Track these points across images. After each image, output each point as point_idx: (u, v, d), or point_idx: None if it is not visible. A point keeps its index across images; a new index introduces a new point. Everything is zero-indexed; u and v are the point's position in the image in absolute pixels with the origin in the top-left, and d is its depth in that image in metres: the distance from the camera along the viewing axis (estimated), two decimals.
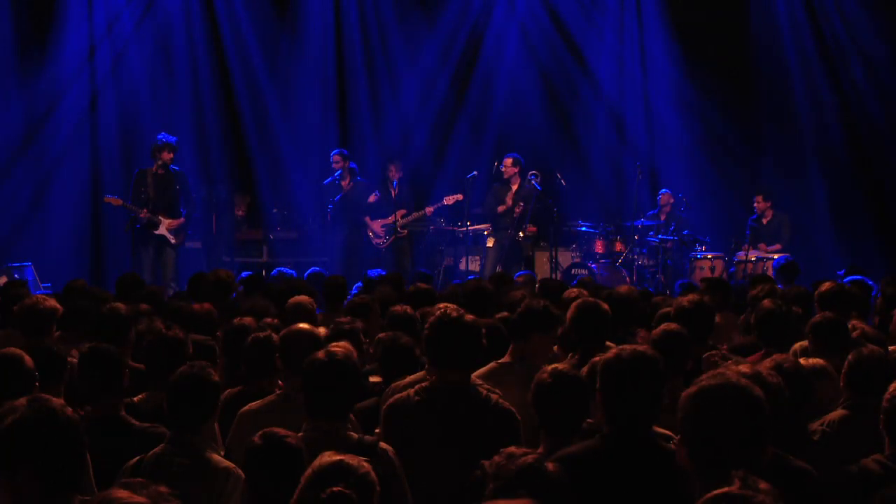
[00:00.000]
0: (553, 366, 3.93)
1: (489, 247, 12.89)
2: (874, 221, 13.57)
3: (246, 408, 4.52)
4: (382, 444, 3.83)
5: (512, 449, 2.91)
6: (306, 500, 2.83)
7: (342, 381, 3.89)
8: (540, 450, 3.65)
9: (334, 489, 2.79)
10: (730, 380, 2.86)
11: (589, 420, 3.91)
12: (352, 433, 3.84)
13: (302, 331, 4.63)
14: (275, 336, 4.99)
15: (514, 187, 12.85)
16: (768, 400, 2.90)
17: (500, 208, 12.73)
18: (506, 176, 12.84)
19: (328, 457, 2.90)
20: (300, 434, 3.77)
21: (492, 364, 5.03)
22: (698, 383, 2.88)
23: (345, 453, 2.97)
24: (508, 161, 12.85)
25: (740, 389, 2.83)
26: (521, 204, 12.71)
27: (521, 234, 12.88)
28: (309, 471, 2.87)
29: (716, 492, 2.32)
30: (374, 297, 7.10)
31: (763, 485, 2.35)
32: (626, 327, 6.07)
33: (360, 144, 14.41)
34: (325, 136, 14.35)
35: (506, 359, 5.04)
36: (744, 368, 3.36)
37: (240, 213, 13.53)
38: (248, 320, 5.61)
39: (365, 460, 2.96)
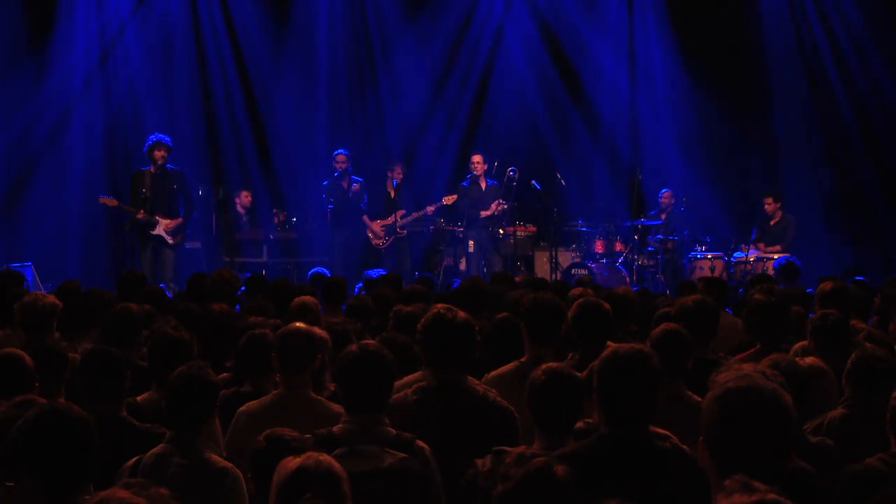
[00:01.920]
0: (548, 364, 3.92)
1: (471, 251, 12.92)
2: (873, 222, 13.57)
3: (244, 407, 4.50)
4: (419, 442, 3.80)
5: (522, 449, 2.90)
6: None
7: (378, 374, 3.85)
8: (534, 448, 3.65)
9: (307, 499, 2.79)
10: (757, 382, 2.83)
11: (588, 420, 3.91)
12: (389, 428, 3.81)
13: (298, 330, 4.61)
14: (269, 334, 4.98)
15: (483, 185, 12.92)
16: None
17: (485, 213, 12.81)
18: (477, 173, 12.91)
19: (292, 464, 2.89)
20: (338, 427, 3.77)
21: (513, 363, 5.01)
22: (724, 385, 2.84)
23: (311, 453, 2.97)
24: (478, 158, 12.96)
25: (770, 393, 2.81)
26: (501, 201, 12.76)
27: (501, 232, 12.94)
28: (278, 477, 2.86)
29: (727, 501, 2.29)
30: (374, 297, 7.09)
31: (759, 485, 2.34)
32: (625, 327, 6.06)
33: (360, 145, 14.41)
34: (325, 136, 14.35)
35: (524, 359, 5.01)
36: (746, 368, 3.34)
37: (247, 200, 13.44)
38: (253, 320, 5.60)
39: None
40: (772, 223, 12.87)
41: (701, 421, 2.83)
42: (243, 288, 8.37)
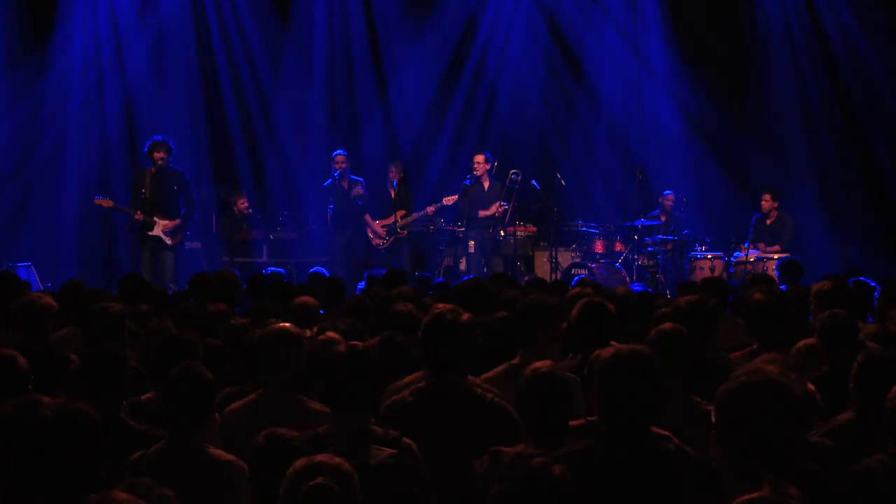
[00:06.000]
0: (533, 366, 3.91)
1: (471, 252, 12.93)
2: (873, 221, 13.56)
3: (231, 407, 4.54)
4: (406, 439, 3.83)
5: (519, 449, 2.90)
6: (290, 498, 2.85)
7: (365, 374, 3.88)
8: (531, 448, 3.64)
9: (314, 482, 2.82)
10: (769, 376, 2.82)
11: (590, 418, 3.90)
12: (375, 427, 3.85)
13: (281, 330, 4.63)
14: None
15: (486, 185, 12.92)
16: None
17: (483, 213, 12.81)
18: (478, 173, 12.90)
19: (305, 459, 2.93)
20: (323, 428, 3.79)
21: (503, 365, 5.00)
22: (736, 380, 2.83)
23: (323, 454, 3.00)
24: (480, 158, 12.94)
25: (781, 386, 2.80)
26: (502, 203, 12.77)
27: (502, 234, 12.93)
28: (287, 475, 2.90)
29: (746, 497, 2.29)
30: (371, 297, 7.09)
31: (793, 490, 2.34)
32: (624, 327, 6.05)
33: (360, 144, 14.41)
34: (325, 135, 14.35)
35: (516, 360, 5.00)
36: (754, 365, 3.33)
37: (244, 206, 13.42)
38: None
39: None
40: (768, 222, 12.81)
41: (714, 416, 2.82)
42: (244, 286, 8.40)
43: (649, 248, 13.05)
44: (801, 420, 2.80)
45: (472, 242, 12.91)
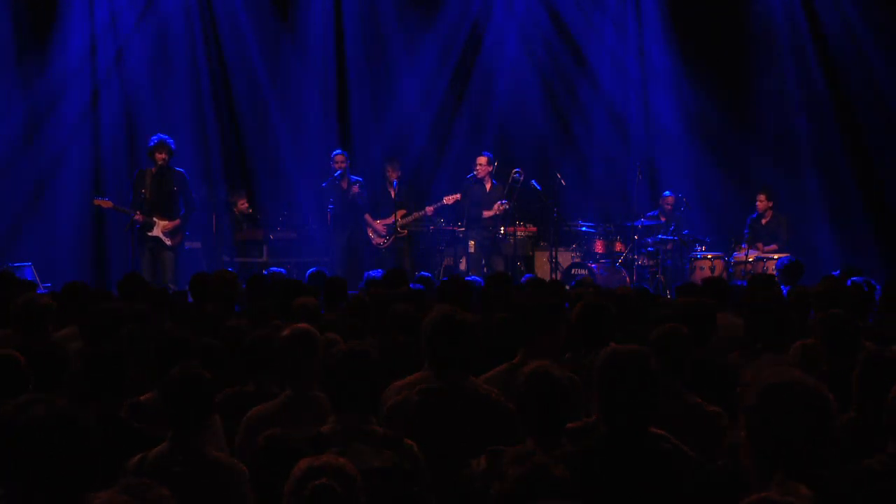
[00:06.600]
0: (533, 366, 3.91)
1: (471, 252, 12.94)
2: (872, 221, 13.56)
3: (253, 412, 4.52)
4: (407, 440, 3.84)
5: (519, 448, 2.91)
6: (293, 498, 2.86)
7: (364, 374, 3.90)
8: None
9: (318, 482, 2.83)
10: (798, 378, 2.83)
11: (587, 419, 3.90)
12: (375, 427, 3.86)
13: (302, 331, 4.63)
14: (272, 334, 4.98)
15: (488, 186, 12.93)
16: None
17: (487, 213, 12.81)
18: (479, 175, 12.92)
19: (308, 460, 2.94)
20: (326, 428, 3.79)
21: (503, 365, 5.00)
22: (766, 381, 2.83)
23: (327, 455, 3.00)
24: (483, 160, 12.96)
25: (811, 387, 2.81)
26: (503, 201, 12.77)
27: (502, 231, 12.94)
28: (292, 475, 2.91)
29: (755, 496, 2.30)
30: (372, 296, 7.10)
31: (804, 490, 2.34)
32: (623, 328, 6.05)
33: (359, 144, 14.41)
34: (324, 135, 14.35)
35: (516, 360, 4.99)
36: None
37: (244, 206, 13.43)
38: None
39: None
40: (763, 222, 12.82)
41: (742, 416, 2.83)
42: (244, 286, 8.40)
43: (649, 248, 13.05)
44: (830, 418, 2.81)
45: (472, 242, 12.92)
